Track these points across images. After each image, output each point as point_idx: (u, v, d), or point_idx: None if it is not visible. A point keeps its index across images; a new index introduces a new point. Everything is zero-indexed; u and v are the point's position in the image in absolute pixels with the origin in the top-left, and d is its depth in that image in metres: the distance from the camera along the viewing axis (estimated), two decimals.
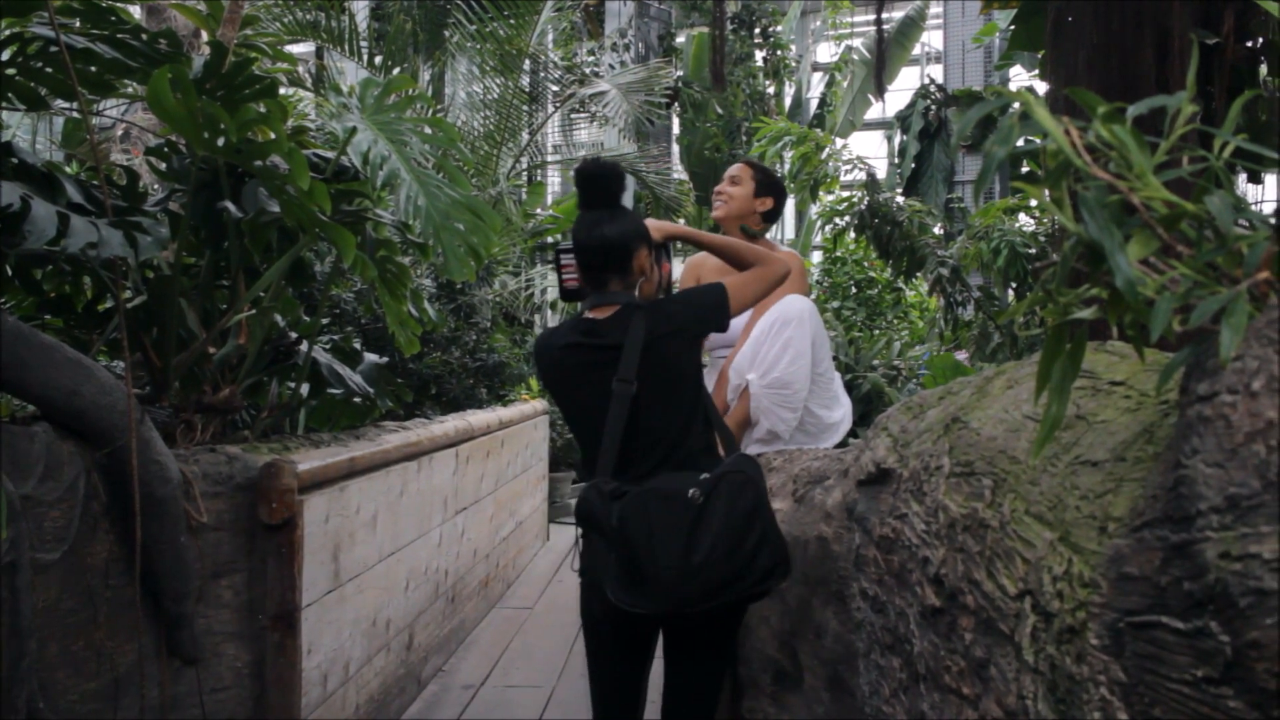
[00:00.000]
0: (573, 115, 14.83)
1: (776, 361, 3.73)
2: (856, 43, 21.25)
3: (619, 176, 3.09)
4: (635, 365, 2.88)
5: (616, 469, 2.88)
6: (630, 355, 2.89)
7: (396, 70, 11.51)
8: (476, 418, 6.49)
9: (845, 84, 20.85)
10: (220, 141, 3.43)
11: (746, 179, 4.10)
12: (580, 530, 2.95)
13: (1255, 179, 5.25)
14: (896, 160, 18.10)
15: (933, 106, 16.89)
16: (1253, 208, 1.13)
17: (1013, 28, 5.68)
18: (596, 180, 3.05)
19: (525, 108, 12.80)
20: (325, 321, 5.71)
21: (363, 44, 11.39)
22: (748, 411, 3.80)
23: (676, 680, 3.09)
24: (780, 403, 3.76)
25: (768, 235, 4.39)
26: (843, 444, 3.96)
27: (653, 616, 2.82)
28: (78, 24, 3.17)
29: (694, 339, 3.04)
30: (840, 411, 4.01)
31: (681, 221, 16.94)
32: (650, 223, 3.25)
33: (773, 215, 4.17)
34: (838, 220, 7.60)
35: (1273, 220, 1.08)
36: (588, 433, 3.00)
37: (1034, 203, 6.29)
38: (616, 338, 2.92)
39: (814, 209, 13.52)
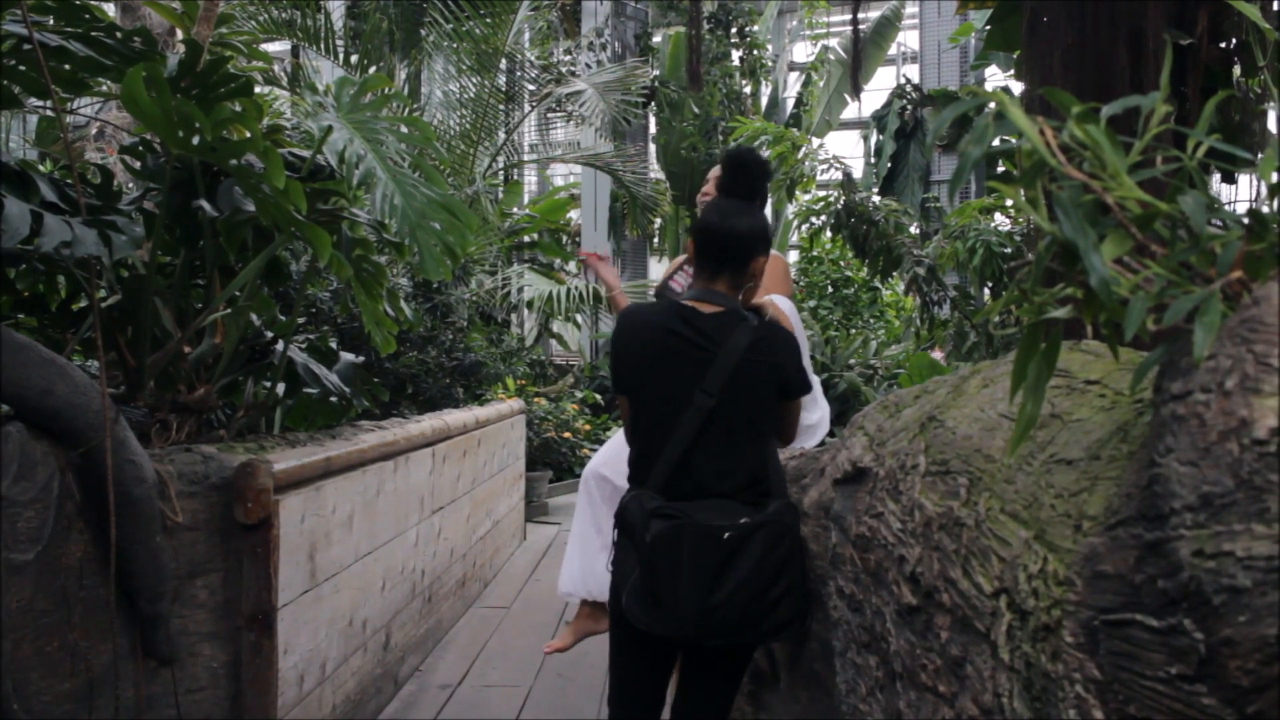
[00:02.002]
0: (549, 114, 14.83)
1: None
2: (833, 42, 21.32)
3: (766, 174, 3.03)
4: (723, 381, 2.81)
5: (669, 479, 2.83)
6: (722, 368, 2.81)
7: (372, 69, 11.48)
8: (453, 417, 6.48)
9: (821, 84, 20.90)
10: (195, 140, 3.42)
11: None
12: (617, 529, 2.91)
13: (1229, 179, 5.29)
14: (873, 160, 18.16)
15: (909, 106, 16.95)
16: (1226, 207, 1.14)
17: (988, 28, 5.68)
18: (747, 169, 2.97)
19: (502, 107, 12.79)
20: (301, 321, 5.69)
21: (338, 43, 11.36)
22: None
23: (687, 695, 3.03)
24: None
25: None
26: (820, 444, 3.96)
27: (658, 638, 2.79)
28: (51, 21, 3.15)
29: (780, 386, 2.91)
30: (819, 414, 4.01)
31: (657, 222, 16.98)
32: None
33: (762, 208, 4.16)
34: (814, 220, 7.62)
35: (1245, 220, 1.08)
36: (651, 424, 2.90)
37: (1009, 202, 6.31)
38: (716, 342, 2.84)
39: (790, 209, 13.54)
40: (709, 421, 2.81)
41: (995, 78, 17.44)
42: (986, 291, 7.10)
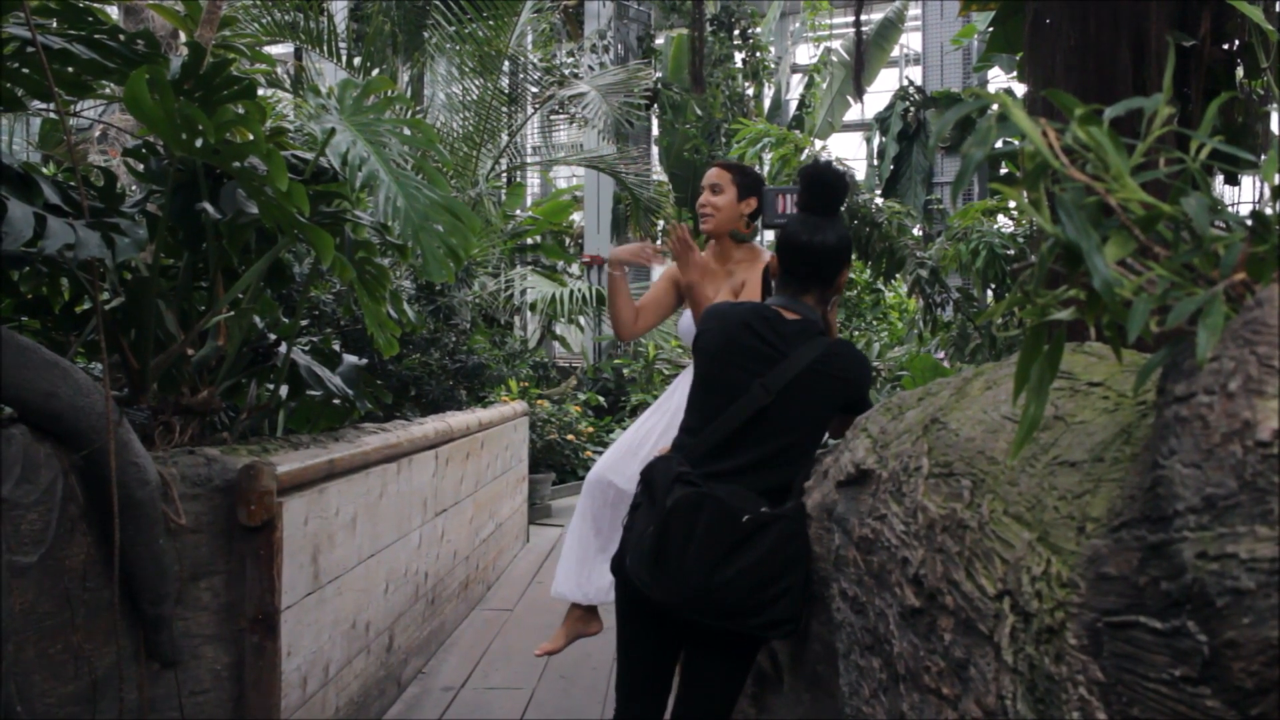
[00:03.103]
0: (552, 116, 14.84)
1: None
2: (835, 44, 21.31)
3: (846, 187, 3.10)
4: (784, 382, 2.88)
5: (706, 454, 2.90)
6: (787, 370, 2.88)
7: (375, 71, 11.50)
8: (456, 419, 6.48)
9: (824, 85, 20.90)
10: (198, 143, 3.42)
11: (728, 185, 4.05)
12: (640, 485, 2.96)
13: (1232, 180, 5.28)
14: (875, 161, 18.12)
15: (911, 108, 16.92)
16: (1229, 209, 1.13)
17: (991, 30, 5.67)
18: (828, 186, 3.04)
19: (504, 109, 12.79)
20: (304, 323, 5.69)
21: (341, 45, 11.37)
22: None
23: (687, 690, 3.03)
24: None
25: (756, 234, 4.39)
26: (823, 446, 3.96)
27: (656, 602, 2.82)
28: (54, 24, 3.16)
29: (846, 402, 2.96)
30: None
31: (660, 224, 16.97)
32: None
33: (756, 214, 4.16)
34: None
35: (1249, 222, 1.08)
36: (709, 405, 2.98)
37: (1012, 204, 6.31)
38: (790, 345, 2.92)
39: None
40: (760, 415, 2.89)
41: (998, 79, 17.47)
42: (989, 293, 7.08)
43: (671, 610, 2.82)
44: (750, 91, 18.64)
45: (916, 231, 8.33)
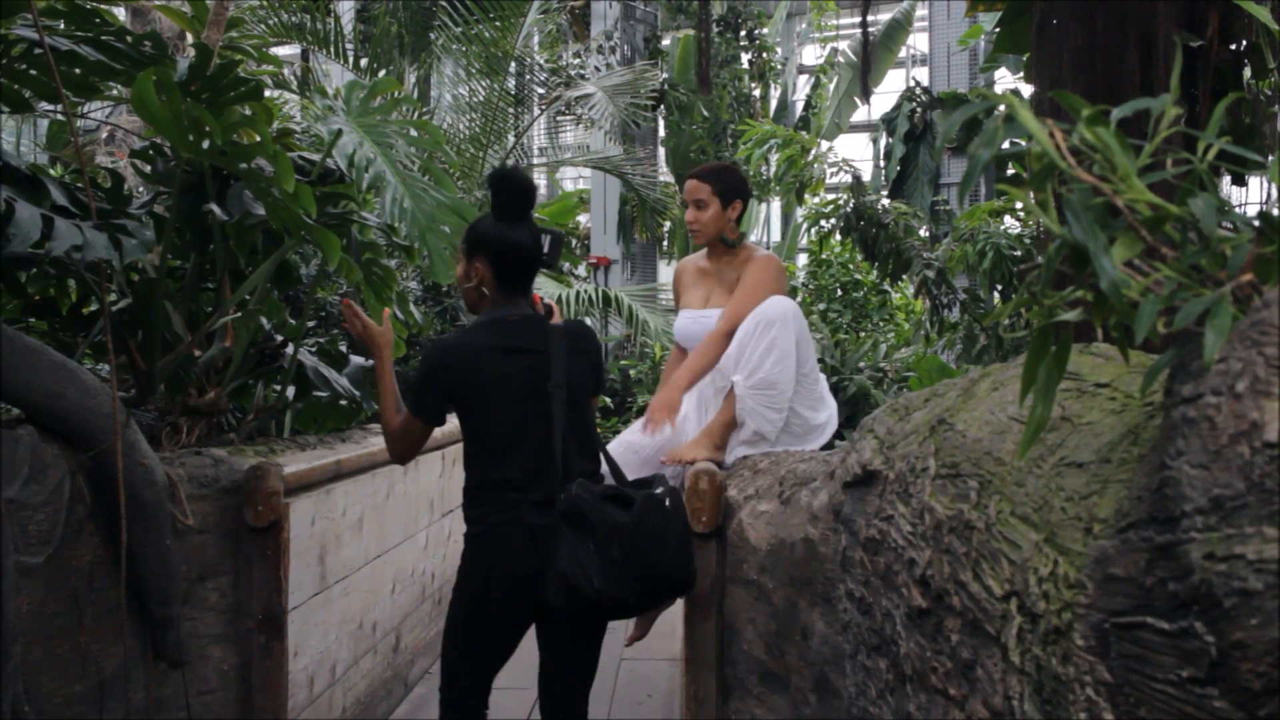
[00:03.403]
0: (559, 118, 14.84)
1: (761, 362, 3.73)
2: (842, 45, 21.30)
3: (534, 190, 3.24)
4: (564, 371, 3.08)
5: (566, 470, 3.08)
6: (558, 361, 3.07)
7: (382, 72, 11.50)
8: None
9: (831, 86, 20.89)
10: (205, 144, 3.43)
11: (709, 197, 4.05)
12: (484, 528, 3.09)
13: (1239, 181, 5.27)
14: (882, 162, 18.12)
15: (918, 109, 16.91)
16: (1236, 210, 1.13)
17: (998, 30, 5.67)
18: (519, 190, 3.17)
19: (511, 110, 12.79)
20: (311, 324, 5.71)
21: (348, 46, 11.37)
22: (734, 413, 3.80)
23: (561, 667, 3.29)
24: (766, 404, 3.76)
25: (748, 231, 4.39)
26: (829, 446, 3.96)
27: (628, 607, 3.08)
28: (62, 26, 3.16)
29: (592, 375, 3.25)
30: (826, 413, 4.01)
31: (666, 225, 16.97)
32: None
33: (743, 212, 4.16)
34: (823, 223, 7.61)
35: (1256, 222, 1.08)
36: (522, 433, 3.08)
37: (1019, 205, 6.31)
38: (542, 341, 3.09)
39: (800, 212, 13.55)
40: (572, 410, 3.11)
41: (1005, 80, 17.39)
42: (996, 294, 7.08)
43: (620, 610, 3.09)
44: (757, 92, 18.62)
45: (923, 232, 8.31)
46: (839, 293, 12.96)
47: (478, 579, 3.10)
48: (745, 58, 18.15)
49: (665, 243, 19.14)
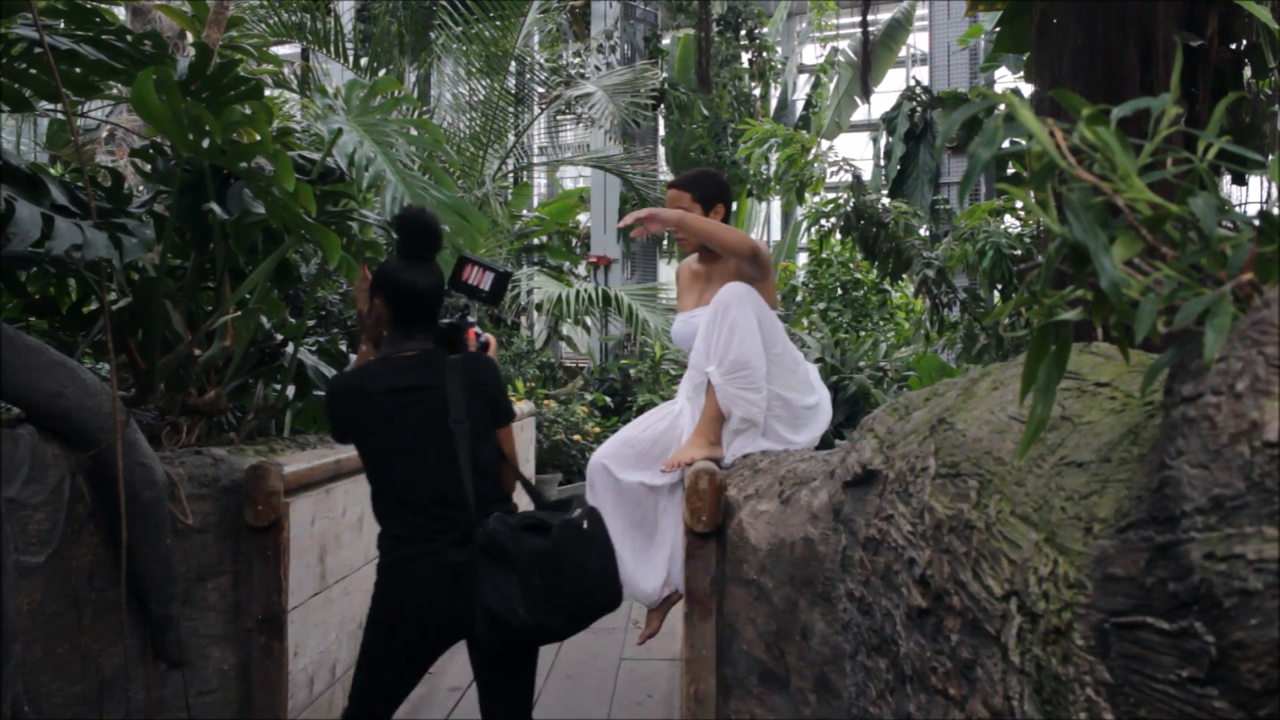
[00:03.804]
0: (559, 117, 14.85)
1: (728, 345, 3.76)
2: (842, 45, 21.31)
3: (439, 233, 3.27)
4: (463, 404, 3.10)
5: (476, 501, 3.09)
6: (455, 393, 3.10)
7: (382, 72, 11.50)
8: None
9: (831, 86, 20.90)
10: (205, 143, 3.43)
11: (690, 203, 4.06)
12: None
13: (1239, 180, 5.27)
14: (882, 162, 18.12)
15: (918, 108, 16.92)
16: (1236, 209, 1.13)
17: (998, 30, 5.68)
18: (423, 231, 3.21)
19: (511, 109, 12.80)
20: (311, 323, 5.71)
21: (348, 45, 11.38)
22: (718, 405, 3.81)
23: (502, 691, 3.28)
24: (742, 385, 3.77)
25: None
26: (829, 445, 3.96)
27: (556, 634, 3.15)
28: (62, 25, 3.16)
29: (488, 406, 3.23)
30: (814, 397, 4.01)
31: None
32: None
33: (727, 215, 4.18)
34: (824, 222, 7.61)
35: (1256, 222, 1.08)
36: (423, 466, 3.11)
37: (1019, 204, 6.31)
38: (436, 375, 3.12)
39: (800, 211, 13.55)
40: (468, 442, 3.12)
41: (1005, 79, 17.40)
42: (996, 294, 7.08)
43: (566, 633, 3.15)
44: (757, 92, 18.63)
45: (923, 232, 8.31)
46: (839, 292, 12.97)
47: (388, 611, 3.14)
48: (745, 57, 18.15)
49: (665, 242, 19.13)
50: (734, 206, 4.28)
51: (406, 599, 3.07)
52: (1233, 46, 4.44)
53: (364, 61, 11.63)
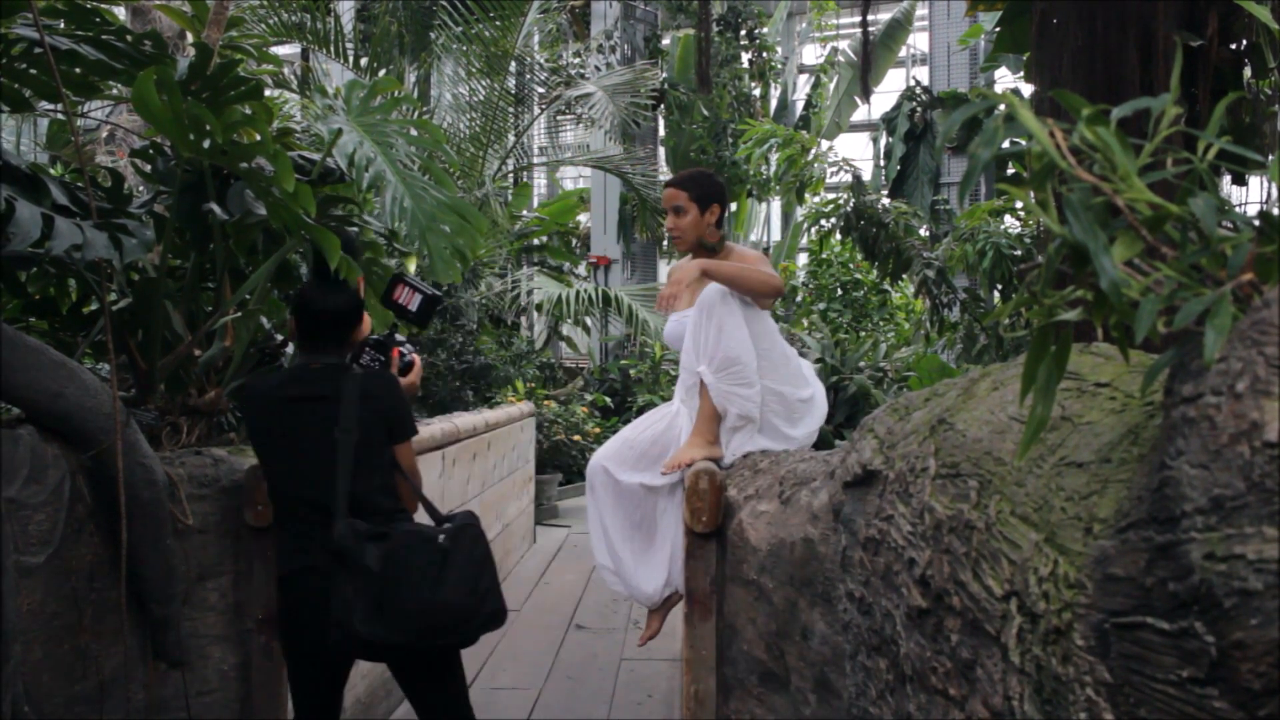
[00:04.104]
0: (559, 117, 14.86)
1: (716, 344, 3.77)
2: (842, 45, 21.32)
3: (353, 253, 3.35)
4: (354, 416, 3.09)
5: (348, 510, 3.07)
6: (348, 405, 3.09)
7: (382, 72, 11.50)
8: (463, 420, 6.48)
9: (831, 86, 20.90)
10: (205, 143, 3.43)
11: (687, 203, 4.08)
12: (291, 570, 3.12)
13: (1239, 181, 5.27)
14: (882, 162, 18.13)
15: (918, 108, 16.92)
16: (1236, 209, 1.13)
17: (998, 30, 5.68)
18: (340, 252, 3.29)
19: (511, 110, 12.80)
20: None
21: (348, 46, 11.38)
22: (713, 404, 3.82)
23: (425, 713, 3.29)
24: (735, 382, 3.79)
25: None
26: (829, 445, 3.97)
27: (395, 646, 3.05)
28: (62, 25, 3.16)
29: (383, 423, 3.19)
30: (808, 390, 4.02)
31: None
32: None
33: (723, 215, 4.19)
34: (824, 222, 7.61)
35: (1256, 222, 1.08)
36: (309, 472, 3.11)
37: (1019, 205, 6.30)
38: (335, 386, 3.11)
39: (800, 211, 13.55)
40: (354, 452, 3.10)
41: (1005, 79, 17.40)
42: (996, 294, 7.08)
43: (409, 645, 3.06)
44: (757, 92, 18.63)
45: (923, 232, 8.32)
46: (839, 292, 12.98)
47: (282, 619, 3.19)
48: (745, 57, 18.15)
49: (665, 242, 19.13)
50: (732, 207, 4.28)
51: (295, 607, 3.11)
52: (1233, 46, 4.44)
53: (364, 61, 11.64)
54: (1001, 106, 1.21)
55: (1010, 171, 8.03)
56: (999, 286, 6.93)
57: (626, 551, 4.13)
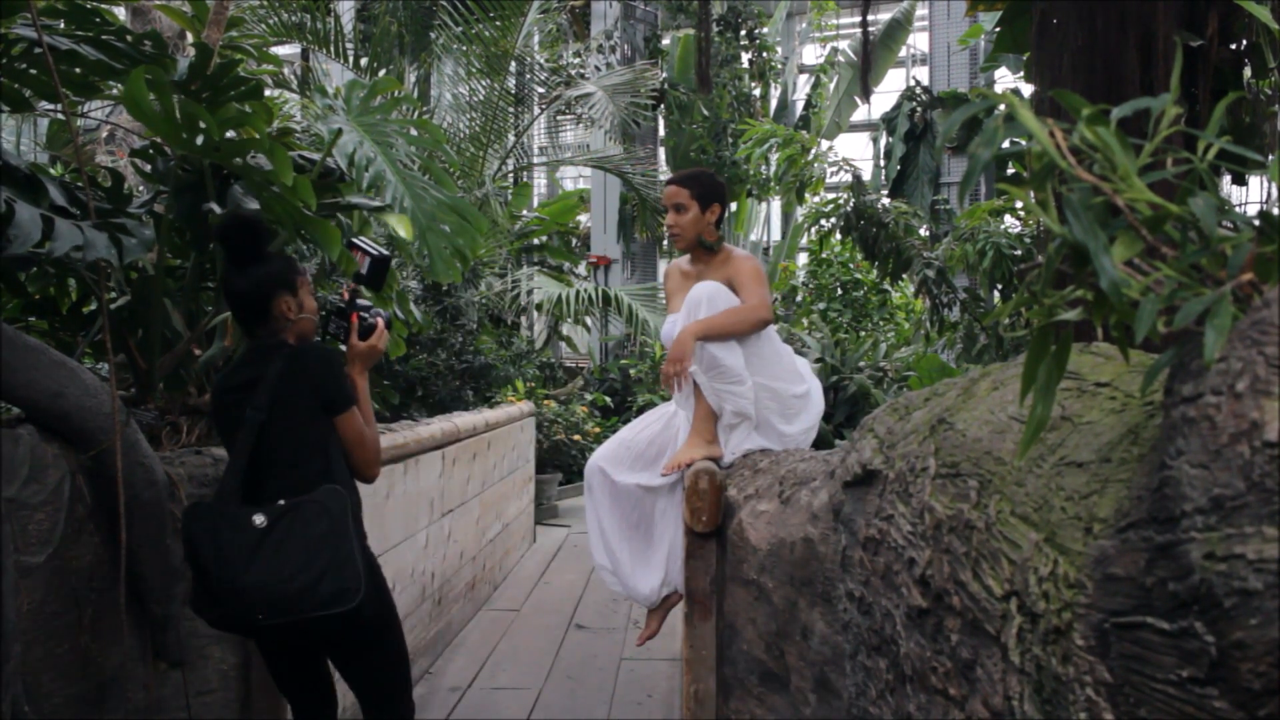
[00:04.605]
0: (559, 117, 14.86)
1: (702, 345, 3.78)
2: (842, 45, 21.31)
3: (253, 236, 3.18)
4: (270, 395, 3.03)
5: (236, 490, 3.01)
6: (266, 385, 3.03)
7: (382, 72, 11.50)
8: (463, 419, 6.48)
9: (831, 86, 20.89)
10: (199, 140, 3.42)
11: (688, 201, 4.09)
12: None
13: (1239, 181, 5.27)
14: (882, 162, 18.13)
15: (918, 108, 16.92)
16: (1236, 209, 1.13)
17: (998, 30, 5.68)
18: (233, 234, 3.15)
19: (511, 109, 12.80)
20: None
21: (348, 46, 11.37)
22: (708, 404, 3.83)
23: (355, 690, 3.31)
24: (727, 380, 3.80)
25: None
26: (829, 445, 3.97)
27: (219, 627, 3.02)
28: (62, 25, 3.16)
29: (313, 399, 3.12)
30: (803, 386, 4.03)
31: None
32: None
33: (723, 216, 4.20)
34: (823, 222, 7.61)
35: (1256, 222, 1.08)
36: (230, 449, 3.10)
37: (1019, 204, 6.30)
38: (261, 367, 3.07)
39: (800, 211, 13.55)
40: (264, 434, 3.03)
41: (1005, 80, 17.40)
42: (996, 294, 7.08)
43: (230, 628, 3.04)
44: (757, 92, 18.63)
45: (923, 232, 8.31)
46: (839, 292, 12.98)
47: None
48: (745, 57, 18.16)
49: (665, 242, 19.13)
50: (732, 207, 4.27)
51: None
52: (1233, 46, 4.43)
53: (364, 61, 11.63)
54: (1001, 106, 1.21)
55: (1010, 171, 8.04)
56: (999, 286, 6.93)
57: (624, 552, 4.14)
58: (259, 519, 2.88)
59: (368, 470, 3.23)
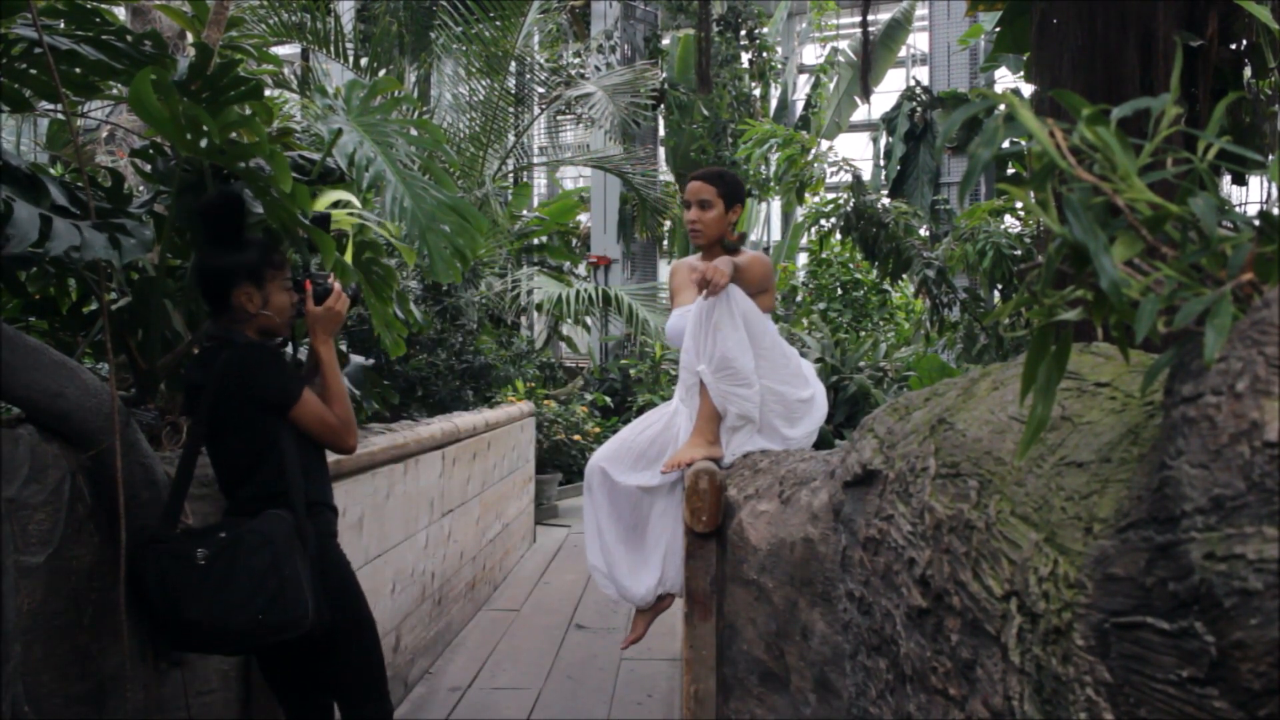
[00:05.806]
0: (559, 117, 14.87)
1: (714, 344, 3.78)
2: (842, 45, 21.32)
3: (225, 216, 3.17)
4: (209, 408, 3.02)
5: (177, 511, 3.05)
6: (205, 396, 3.02)
7: (382, 72, 11.50)
8: (463, 420, 6.48)
9: (831, 86, 20.90)
10: (203, 143, 3.42)
11: (714, 198, 4.08)
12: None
13: (1239, 181, 5.27)
14: (882, 162, 18.13)
15: (918, 108, 16.92)
16: (1236, 209, 1.13)
17: (998, 30, 5.68)
18: (214, 212, 3.18)
19: (511, 109, 12.80)
20: None
21: (348, 46, 11.37)
22: (713, 404, 3.83)
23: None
24: (734, 382, 3.79)
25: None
26: (829, 445, 3.97)
27: (179, 649, 3.10)
28: (62, 25, 3.16)
29: (250, 403, 3.07)
30: (808, 390, 4.03)
31: (667, 225, 16.96)
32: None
33: (739, 218, 4.21)
34: (823, 222, 7.61)
35: (1256, 222, 1.08)
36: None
37: (1019, 204, 6.30)
38: (207, 371, 3.04)
39: (800, 211, 13.55)
40: (218, 442, 3.09)
41: (1005, 79, 17.40)
42: (996, 294, 7.08)
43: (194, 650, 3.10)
44: (757, 92, 18.64)
45: (923, 232, 8.32)
46: (839, 292, 12.97)
47: None
48: (745, 57, 18.16)
49: (665, 242, 19.16)
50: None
51: None
52: (1233, 46, 4.44)
53: (364, 61, 11.63)
54: (1001, 106, 1.21)
55: (1010, 171, 8.04)
56: (999, 286, 6.93)
57: (621, 553, 4.13)
58: (200, 552, 2.89)
59: (340, 445, 3.22)
